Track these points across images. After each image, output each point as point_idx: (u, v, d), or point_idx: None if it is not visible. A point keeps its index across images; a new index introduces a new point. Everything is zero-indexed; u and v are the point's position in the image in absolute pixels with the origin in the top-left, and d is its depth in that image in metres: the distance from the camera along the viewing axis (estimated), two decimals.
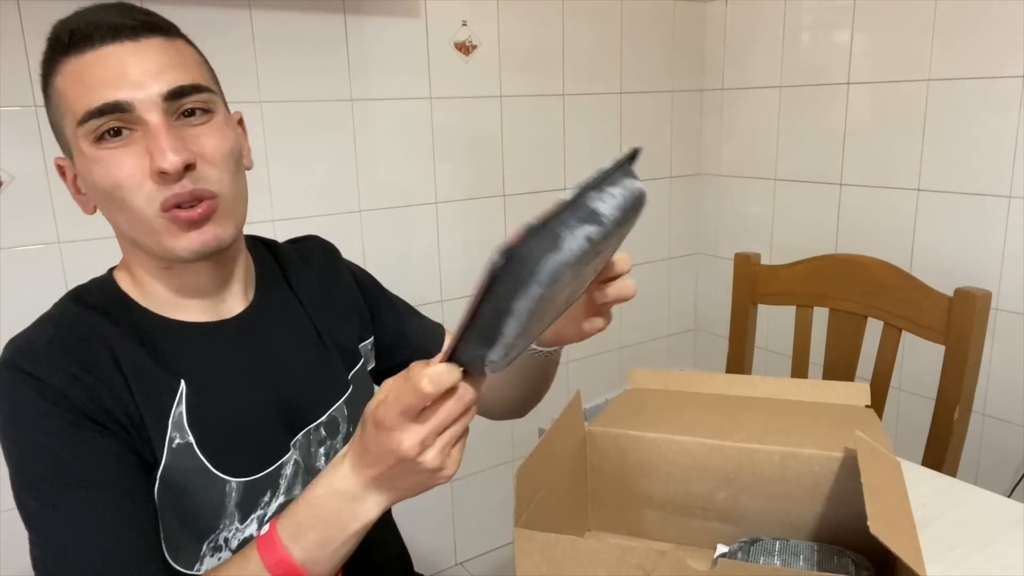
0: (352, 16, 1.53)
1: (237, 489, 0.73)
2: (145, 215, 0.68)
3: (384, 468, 0.59)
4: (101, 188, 0.68)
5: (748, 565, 0.71)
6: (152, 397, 0.70)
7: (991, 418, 1.62)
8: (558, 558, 0.65)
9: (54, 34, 0.69)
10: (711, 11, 2.07)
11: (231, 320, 0.78)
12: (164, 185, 0.67)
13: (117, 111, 0.66)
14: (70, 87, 0.67)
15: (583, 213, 0.51)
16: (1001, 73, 1.49)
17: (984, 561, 0.79)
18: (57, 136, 0.72)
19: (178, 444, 0.71)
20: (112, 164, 0.67)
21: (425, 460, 0.56)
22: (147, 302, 0.75)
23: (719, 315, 2.20)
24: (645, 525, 0.89)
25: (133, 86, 0.66)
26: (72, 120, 0.67)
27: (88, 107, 0.65)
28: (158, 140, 0.66)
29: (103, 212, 0.72)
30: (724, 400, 0.95)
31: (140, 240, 0.70)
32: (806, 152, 1.90)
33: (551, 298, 0.51)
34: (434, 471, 0.57)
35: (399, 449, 0.56)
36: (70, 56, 0.67)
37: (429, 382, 0.53)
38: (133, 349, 0.71)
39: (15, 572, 1.30)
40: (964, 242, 1.60)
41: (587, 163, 1.94)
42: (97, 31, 0.66)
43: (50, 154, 1.28)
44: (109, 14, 0.68)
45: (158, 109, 0.67)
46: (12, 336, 0.70)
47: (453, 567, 1.94)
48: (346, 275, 0.93)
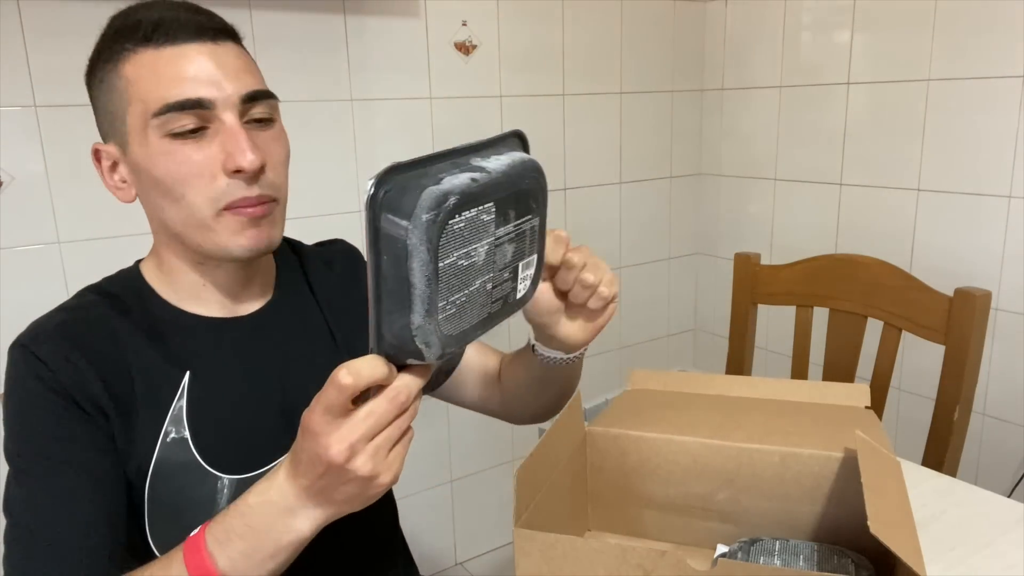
0: (352, 16, 1.53)
1: (229, 486, 0.74)
2: (203, 212, 0.69)
3: (314, 478, 0.54)
4: (162, 180, 0.69)
5: (748, 565, 0.71)
6: (153, 389, 0.72)
7: (991, 418, 1.62)
8: (558, 558, 0.65)
9: (124, 22, 0.69)
10: (711, 11, 2.07)
11: (245, 318, 0.79)
12: (236, 183, 0.69)
13: (198, 107, 0.67)
14: (145, 77, 0.67)
15: (464, 166, 0.52)
16: (1001, 73, 1.49)
17: (984, 561, 0.79)
18: (107, 121, 0.72)
19: (172, 439, 0.72)
20: (181, 158, 0.68)
21: (355, 466, 0.52)
22: (168, 293, 0.76)
23: (719, 315, 2.20)
24: (645, 525, 0.89)
25: (214, 85, 0.68)
26: (142, 109, 0.68)
27: (167, 100, 0.67)
28: (238, 139, 0.68)
29: (147, 203, 0.73)
30: (724, 400, 0.95)
31: (187, 235, 0.71)
32: (806, 152, 1.90)
33: (462, 247, 0.50)
34: (368, 479, 0.53)
35: (326, 454, 0.51)
36: (147, 47, 0.68)
37: (347, 373, 0.50)
38: (140, 339, 0.72)
39: None
40: (964, 242, 1.60)
41: (587, 163, 1.94)
42: (182, 29, 0.68)
43: (50, 154, 1.28)
44: (184, 12, 0.69)
45: (235, 110, 0.69)
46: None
47: (453, 567, 1.94)
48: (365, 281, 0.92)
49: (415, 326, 0.50)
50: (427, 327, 0.50)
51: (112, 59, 0.69)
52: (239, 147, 0.68)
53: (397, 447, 0.54)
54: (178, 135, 0.68)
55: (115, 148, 0.72)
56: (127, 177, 0.73)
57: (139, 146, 0.69)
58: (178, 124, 0.67)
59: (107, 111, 0.71)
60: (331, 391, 0.51)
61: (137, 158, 0.70)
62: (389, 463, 0.54)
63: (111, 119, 0.71)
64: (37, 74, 1.25)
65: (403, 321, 0.50)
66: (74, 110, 1.28)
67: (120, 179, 0.73)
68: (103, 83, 0.70)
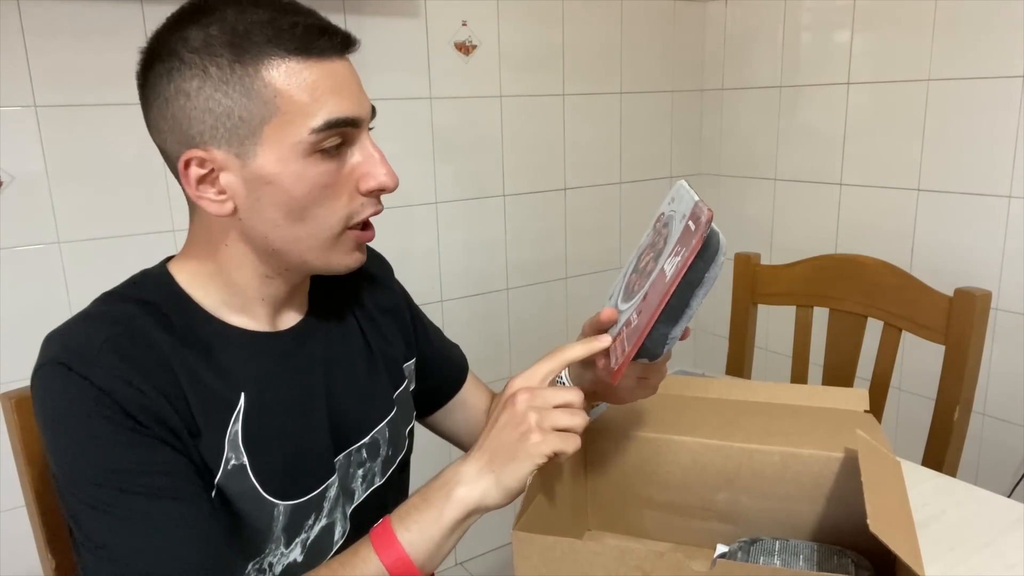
0: (352, 16, 1.53)
1: (284, 513, 0.71)
2: (333, 230, 0.69)
3: (492, 432, 0.65)
4: (299, 197, 0.65)
5: (748, 565, 0.71)
6: (209, 411, 0.66)
7: (991, 418, 1.62)
8: (557, 560, 0.64)
9: (271, 20, 0.63)
10: (711, 11, 2.07)
11: (286, 332, 0.75)
12: (370, 201, 0.70)
13: (350, 125, 0.66)
14: (298, 91, 0.63)
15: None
16: (1001, 73, 1.49)
17: (984, 561, 0.79)
18: (222, 124, 0.63)
19: (233, 465, 0.67)
20: (327, 177, 0.66)
21: (525, 413, 0.64)
22: (209, 303, 0.71)
23: (719, 315, 2.20)
24: (645, 525, 0.89)
25: (359, 103, 0.67)
26: (297, 123, 0.63)
27: (330, 117, 0.64)
28: (377, 159, 0.69)
29: (252, 216, 0.67)
30: (724, 402, 0.95)
31: (296, 251, 0.69)
32: (806, 152, 1.90)
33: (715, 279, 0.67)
34: (527, 432, 0.63)
35: (514, 401, 0.65)
36: (299, 57, 0.63)
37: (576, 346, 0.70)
38: (191, 357, 0.67)
39: (15, 572, 1.30)
40: (964, 242, 1.60)
41: (587, 163, 1.94)
42: (334, 46, 0.65)
43: (50, 154, 1.28)
44: (318, 20, 0.65)
45: (366, 128, 0.69)
46: (52, 331, 0.65)
47: (453, 567, 1.94)
48: (399, 294, 0.92)
49: (672, 336, 0.68)
50: (675, 339, 0.68)
51: (250, 61, 0.62)
52: (381, 168, 0.69)
53: (559, 432, 0.65)
54: (325, 152, 0.66)
55: (226, 156, 0.64)
56: (234, 189, 0.66)
57: (275, 160, 0.64)
58: (329, 142, 0.65)
59: (228, 115, 0.63)
60: (549, 363, 0.68)
61: (269, 172, 0.64)
62: (545, 431, 0.64)
63: (235, 125, 0.63)
64: (37, 74, 1.25)
65: (665, 331, 0.67)
66: (74, 110, 1.28)
67: (218, 190, 0.66)
68: (228, 84, 0.62)
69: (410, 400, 0.90)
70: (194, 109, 0.63)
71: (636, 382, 0.79)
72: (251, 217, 0.67)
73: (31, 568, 0.66)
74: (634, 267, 0.76)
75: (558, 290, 1.98)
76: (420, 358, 0.92)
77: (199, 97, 0.63)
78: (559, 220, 1.93)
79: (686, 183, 0.72)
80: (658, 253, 0.71)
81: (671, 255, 0.67)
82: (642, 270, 0.73)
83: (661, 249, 0.70)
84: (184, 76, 0.63)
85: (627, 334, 0.70)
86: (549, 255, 1.94)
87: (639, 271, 0.74)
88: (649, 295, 0.68)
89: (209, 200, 0.66)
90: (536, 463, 0.64)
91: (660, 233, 0.73)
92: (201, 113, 0.63)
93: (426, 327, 0.96)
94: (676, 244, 0.67)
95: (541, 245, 1.92)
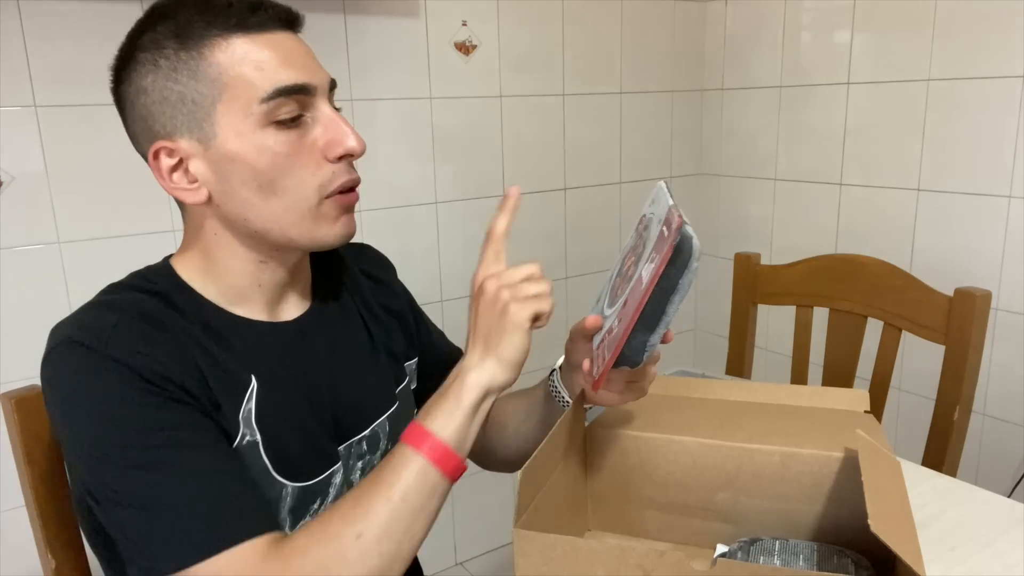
0: (352, 16, 1.53)
1: (292, 494, 0.72)
2: (310, 201, 0.69)
3: (475, 319, 0.67)
4: (265, 171, 0.67)
5: (748, 565, 0.71)
6: (224, 388, 0.68)
7: (991, 418, 1.62)
8: (557, 559, 0.64)
9: (207, 4, 0.65)
10: (711, 11, 2.07)
11: (291, 322, 0.77)
12: (341, 168, 0.70)
13: (303, 92, 0.67)
14: (242, 64, 0.65)
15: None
16: (1001, 73, 1.49)
17: (984, 561, 0.79)
18: (180, 113, 0.66)
19: (248, 441, 0.69)
20: (288, 147, 0.67)
21: (501, 295, 0.66)
22: (212, 294, 0.72)
23: (719, 315, 2.20)
24: (645, 525, 0.89)
25: (312, 72, 0.68)
26: (245, 97, 0.65)
27: (277, 85, 0.65)
28: (341, 124, 0.69)
29: (228, 200, 0.68)
30: (724, 402, 0.95)
31: (278, 229, 0.69)
32: (806, 152, 1.90)
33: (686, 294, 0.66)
34: (505, 306, 0.65)
35: (483, 289, 0.67)
36: (239, 34, 0.65)
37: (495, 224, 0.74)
38: (203, 338, 0.69)
39: (15, 572, 1.30)
40: (964, 242, 1.60)
41: (587, 163, 1.94)
42: (271, 18, 0.67)
43: (50, 154, 1.28)
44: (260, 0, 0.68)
45: (326, 97, 0.70)
46: (59, 322, 0.66)
47: (453, 567, 1.94)
48: (401, 293, 0.93)
49: (650, 344, 0.68)
50: (654, 346, 0.68)
51: (194, 46, 0.65)
52: (344, 132, 0.69)
53: (533, 296, 0.66)
54: (282, 123, 0.66)
55: (189, 143, 0.67)
56: (203, 175, 0.67)
57: (235, 137, 0.66)
58: (284, 111, 0.66)
59: (182, 101, 0.65)
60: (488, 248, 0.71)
61: (230, 150, 0.66)
62: (520, 300, 0.66)
63: (190, 110, 0.66)
64: (37, 74, 1.25)
65: (643, 338, 0.67)
66: (74, 110, 1.28)
67: (190, 179, 0.68)
68: (177, 71, 0.65)
69: (411, 398, 0.91)
70: (153, 103, 0.66)
71: (624, 386, 0.80)
72: (226, 201, 0.69)
73: (31, 568, 0.66)
74: (619, 271, 0.76)
75: (558, 290, 1.98)
76: (422, 359, 0.93)
77: (154, 90, 0.66)
78: (559, 220, 1.93)
79: (664, 184, 0.71)
80: (638, 257, 0.70)
81: (648, 260, 0.67)
82: (625, 274, 0.73)
83: (641, 253, 0.70)
84: (139, 74, 0.66)
85: (608, 342, 0.70)
86: (549, 255, 1.94)
87: (623, 275, 0.74)
88: (628, 302, 0.68)
89: (183, 190, 0.68)
90: (524, 328, 0.66)
91: (641, 236, 0.73)
92: (159, 105, 0.66)
93: (429, 329, 0.96)
94: (652, 250, 0.67)
95: (541, 245, 1.92)
